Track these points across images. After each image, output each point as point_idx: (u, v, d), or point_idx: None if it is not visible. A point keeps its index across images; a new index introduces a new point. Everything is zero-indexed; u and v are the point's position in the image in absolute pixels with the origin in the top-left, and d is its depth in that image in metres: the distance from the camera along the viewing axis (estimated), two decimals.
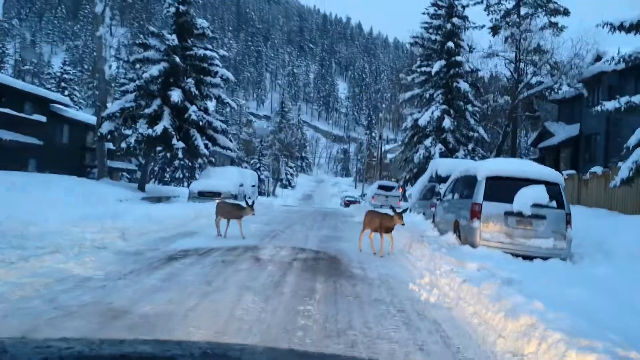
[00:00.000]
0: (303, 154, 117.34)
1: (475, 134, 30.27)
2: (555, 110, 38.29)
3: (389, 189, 34.04)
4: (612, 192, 17.13)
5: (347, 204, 54.24)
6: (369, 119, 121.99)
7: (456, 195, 12.05)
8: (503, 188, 10.18)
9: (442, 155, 28.21)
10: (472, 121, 30.28)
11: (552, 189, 10.08)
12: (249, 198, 26.77)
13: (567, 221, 10.00)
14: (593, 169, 19.76)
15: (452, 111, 30.34)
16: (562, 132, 33.38)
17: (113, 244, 9.87)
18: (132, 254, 9.21)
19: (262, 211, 25.21)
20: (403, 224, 10.28)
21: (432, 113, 30.13)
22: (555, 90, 33.78)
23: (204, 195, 21.96)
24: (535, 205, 9.80)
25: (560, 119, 35.82)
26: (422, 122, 30.05)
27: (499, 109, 32.66)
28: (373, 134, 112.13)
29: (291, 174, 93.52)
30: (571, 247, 10.09)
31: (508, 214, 9.84)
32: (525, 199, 9.89)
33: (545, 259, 9.41)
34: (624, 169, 14.66)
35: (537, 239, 9.80)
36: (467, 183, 11.47)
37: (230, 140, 26.59)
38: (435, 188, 18.15)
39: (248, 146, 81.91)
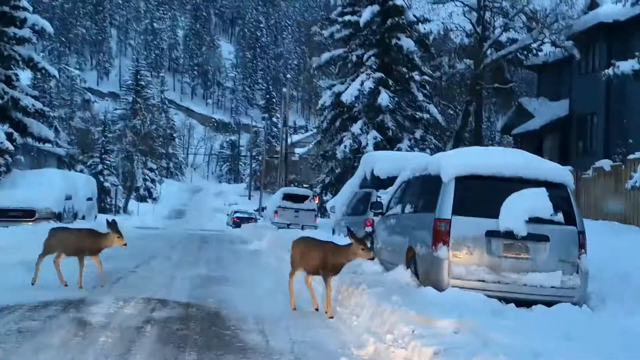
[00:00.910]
0: (170, 150, 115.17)
1: (425, 115, 30.34)
2: (535, 81, 39.07)
3: (299, 199, 33.95)
4: (629, 196, 17.12)
5: (238, 222, 54.11)
6: (268, 97, 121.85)
7: (408, 208, 11.48)
8: (482, 194, 9.68)
9: (378, 147, 27.93)
10: (420, 96, 30.20)
11: (556, 193, 9.57)
12: (82, 218, 25.28)
13: (581, 244, 9.55)
14: (598, 164, 19.83)
15: (391, 82, 30.26)
16: (544, 111, 34.13)
17: None
18: None
19: None
20: (372, 259, 9.91)
21: (362, 84, 29.86)
22: (534, 51, 34.30)
23: (4, 215, 20.49)
24: (532, 221, 9.25)
25: (542, 93, 36.68)
26: (347, 97, 29.71)
27: (457, 78, 32.81)
28: (274, 119, 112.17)
29: (152, 180, 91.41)
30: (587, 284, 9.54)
31: (491, 235, 9.33)
32: (518, 210, 9.30)
33: (549, 304, 8.77)
34: None
35: (537, 274, 9.28)
36: (424, 188, 10.88)
37: (56, 129, 24.84)
38: (371, 196, 17.64)
39: (85, 139, 78.90)
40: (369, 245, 9.55)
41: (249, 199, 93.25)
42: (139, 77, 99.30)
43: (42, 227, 20.52)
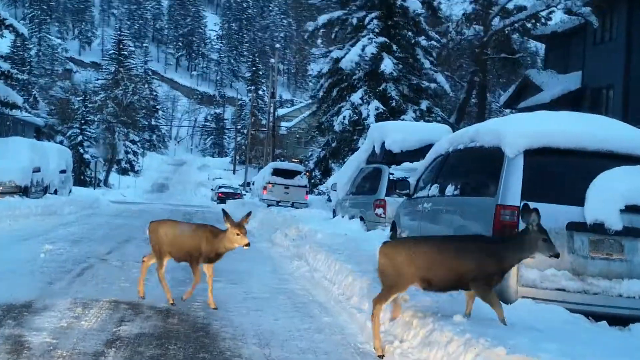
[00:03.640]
0: (153, 122, 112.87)
1: (432, 85, 28.44)
2: (542, 52, 37.38)
3: (290, 174, 33.11)
4: None
5: (223, 198, 52.81)
6: (254, 69, 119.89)
7: (449, 189, 9.26)
8: (560, 173, 7.70)
9: (380, 118, 26.21)
10: (426, 64, 28.26)
11: None
12: (53, 192, 22.97)
13: None
14: None
15: (395, 47, 28.38)
16: (553, 84, 32.60)
17: None
18: None
19: (74, 214, 21.83)
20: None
21: (364, 49, 28.08)
22: (543, 20, 32.74)
23: None
24: (629, 210, 7.15)
25: (549, 65, 35.21)
26: (346, 63, 27.92)
27: (465, 45, 30.86)
28: (260, 92, 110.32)
29: (134, 153, 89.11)
30: None
31: (575, 228, 7.25)
32: (610, 196, 7.16)
33: None
34: None
35: (636, 280, 7.22)
36: (473, 164, 8.87)
37: (35, 99, 22.43)
38: (381, 173, 15.86)
39: (64, 109, 76.14)
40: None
41: (234, 173, 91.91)
42: (121, 46, 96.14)
43: (4, 202, 18.23)
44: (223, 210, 7.88)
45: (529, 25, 33.02)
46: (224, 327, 7.15)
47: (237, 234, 7.44)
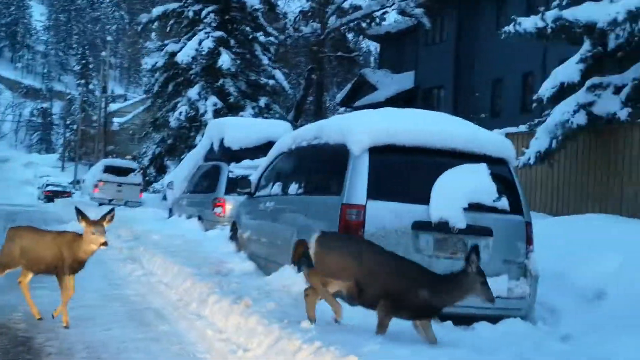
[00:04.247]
0: None
1: (271, 81, 28.33)
2: (377, 52, 38.26)
3: (123, 172, 32.37)
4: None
5: (51, 196, 50.50)
6: (84, 62, 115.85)
7: (293, 188, 9.08)
8: (405, 172, 7.63)
9: (218, 114, 25.83)
10: (265, 60, 28.13)
11: (496, 171, 7.49)
12: None
13: (528, 237, 7.63)
14: None
15: (232, 42, 28.18)
16: (388, 84, 33.50)
17: None
18: None
19: None
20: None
21: (200, 43, 27.62)
22: (378, 20, 33.48)
23: None
24: (472, 209, 7.22)
25: (384, 64, 36.08)
26: (182, 57, 27.37)
27: (302, 43, 31.00)
28: (91, 87, 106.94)
29: None
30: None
31: (420, 227, 7.23)
32: (453, 195, 7.20)
33: (493, 319, 7.04)
34: (541, 136, 13.31)
35: None
36: (318, 162, 8.72)
37: None
38: (220, 171, 15.54)
39: None
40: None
41: (62, 170, 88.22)
42: None
43: None
44: (76, 208, 6.92)
45: (364, 24, 33.35)
46: (48, 340, 6.42)
47: (92, 233, 6.59)
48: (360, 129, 7.58)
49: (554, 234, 10.49)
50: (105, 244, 6.57)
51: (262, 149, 15.50)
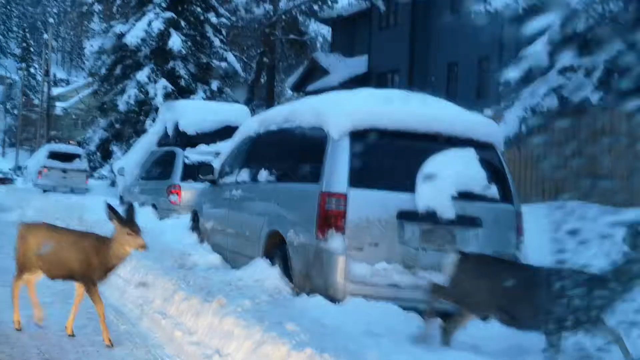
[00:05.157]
0: None
1: (223, 64, 27.73)
2: (329, 36, 37.75)
3: (68, 158, 31.40)
4: None
5: None
6: (24, 45, 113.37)
7: (263, 175, 8.46)
8: (387, 157, 7.15)
9: (169, 97, 25.34)
10: (216, 42, 27.50)
11: (485, 156, 7.07)
12: None
13: (519, 227, 7.24)
14: None
15: (183, 23, 27.47)
16: (341, 68, 32.89)
17: None
18: None
19: None
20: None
21: (150, 24, 26.82)
22: (330, 3, 33.00)
23: None
24: (461, 198, 6.75)
25: (336, 48, 35.41)
26: (131, 39, 26.63)
27: (255, 25, 30.38)
28: (32, 70, 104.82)
29: None
30: None
31: (406, 217, 6.74)
32: (441, 183, 6.72)
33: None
34: (511, 118, 12.83)
35: None
36: (290, 147, 8.20)
37: None
38: (175, 156, 15.00)
39: None
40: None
41: (3, 156, 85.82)
42: None
43: None
44: (108, 205, 5.96)
45: (316, 7, 32.92)
46: None
47: (129, 233, 5.75)
48: (339, 111, 7.10)
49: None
50: (145, 246, 5.72)
51: (219, 134, 15.15)
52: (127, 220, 5.76)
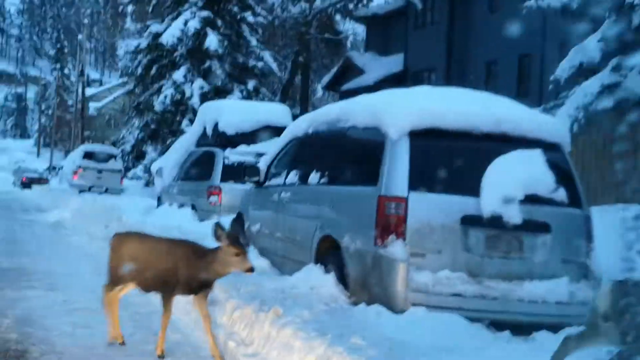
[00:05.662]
0: None
1: (259, 64, 27.72)
2: (364, 34, 37.84)
3: (103, 158, 31.96)
4: None
5: (28, 183, 49.02)
6: (59, 46, 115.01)
7: (314, 177, 8.23)
8: (450, 159, 6.85)
9: (205, 98, 25.48)
10: (253, 41, 27.55)
11: (551, 157, 6.71)
12: None
13: (589, 233, 6.82)
14: None
15: (220, 22, 27.58)
16: (376, 67, 33.10)
17: None
18: None
19: None
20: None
21: (186, 24, 26.99)
22: (365, 1, 33.03)
23: None
24: (527, 201, 6.42)
25: (370, 47, 35.49)
26: (167, 38, 26.99)
27: (291, 24, 30.45)
28: (66, 71, 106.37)
29: None
30: None
31: (470, 222, 6.44)
32: (507, 185, 6.40)
33: (554, 328, 6.11)
34: (562, 120, 12.50)
35: (536, 282, 6.51)
36: (343, 148, 7.90)
37: None
38: (215, 157, 14.82)
39: None
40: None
41: (38, 156, 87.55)
42: None
43: None
44: (216, 224, 5.60)
45: (350, 6, 33.00)
46: (44, 354, 5.57)
47: (236, 254, 5.39)
48: (398, 109, 6.80)
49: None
50: (252, 269, 5.35)
51: (259, 135, 15.04)
52: (236, 240, 5.40)
